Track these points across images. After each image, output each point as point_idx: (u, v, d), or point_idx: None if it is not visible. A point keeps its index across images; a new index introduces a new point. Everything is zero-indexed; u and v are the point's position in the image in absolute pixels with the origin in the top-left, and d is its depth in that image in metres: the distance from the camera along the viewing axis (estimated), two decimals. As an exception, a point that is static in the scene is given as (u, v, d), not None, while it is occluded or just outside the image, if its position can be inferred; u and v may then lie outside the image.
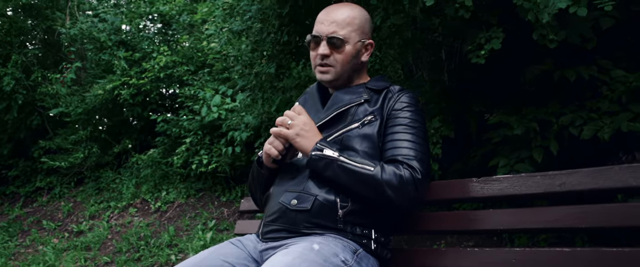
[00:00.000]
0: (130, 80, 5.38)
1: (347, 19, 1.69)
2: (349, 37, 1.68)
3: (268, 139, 1.69)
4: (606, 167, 1.48)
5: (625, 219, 1.41)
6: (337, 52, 1.68)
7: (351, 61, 1.71)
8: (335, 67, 1.69)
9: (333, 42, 1.66)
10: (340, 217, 1.57)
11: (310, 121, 1.63)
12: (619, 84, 2.46)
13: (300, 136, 1.60)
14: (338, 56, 1.68)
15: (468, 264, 1.66)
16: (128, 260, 4.17)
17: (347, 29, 1.68)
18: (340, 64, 1.69)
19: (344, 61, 1.69)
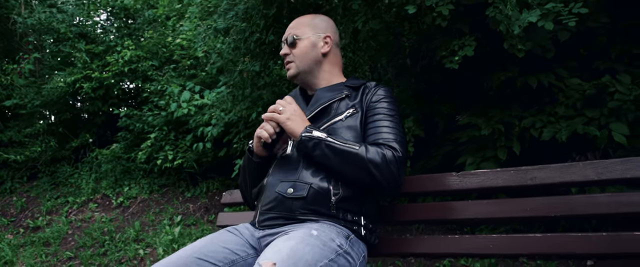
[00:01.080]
0: (93, 74, 5.27)
1: (300, 21, 1.94)
2: (300, 34, 1.90)
3: (259, 126, 1.83)
4: (571, 163, 1.69)
5: (588, 208, 1.61)
6: (293, 49, 1.90)
7: (309, 53, 1.90)
8: (294, 61, 1.90)
9: (288, 41, 1.90)
10: (333, 203, 1.70)
11: (299, 109, 1.76)
12: (574, 92, 2.72)
13: (291, 120, 1.73)
14: (295, 51, 1.90)
15: (450, 250, 1.84)
16: (93, 255, 4.12)
17: (299, 28, 1.91)
18: (298, 58, 1.90)
19: (301, 54, 1.89)
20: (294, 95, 2.05)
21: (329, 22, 1.96)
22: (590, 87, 2.56)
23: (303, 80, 1.94)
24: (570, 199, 1.67)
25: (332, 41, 1.92)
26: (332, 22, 1.98)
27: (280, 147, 1.86)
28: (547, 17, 2.12)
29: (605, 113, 2.49)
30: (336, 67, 1.97)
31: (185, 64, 5.07)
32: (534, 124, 2.65)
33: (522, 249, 1.70)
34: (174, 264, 1.68)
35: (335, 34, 1.97)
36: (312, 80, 1.94)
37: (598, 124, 2.49)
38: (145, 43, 5.42)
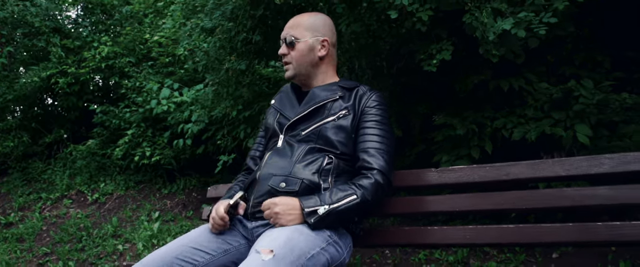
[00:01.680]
0: (69, 69, 5.23)
1: (300, 21, 1.98)
2: (299, 36, 1.95)
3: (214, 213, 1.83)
4: (541, 160, 1.85)
5: (556, 201, 1.77)
6: (292, 50, 1.96)
7: (306, 56, 1.97)
8: (292, 63, 1.97)
9: (287, 41, 1.95)
10: (322, 197, 1.80)
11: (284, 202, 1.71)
12: (542, 95, 2.91)
13: (291, 218, 1.69)
14: (293, 53, 1.96)
15: (429, 240, 1.97)
16: (71, 250, 4.11)
17: (298, 29, 1.96)
18: (295, 59, 1.96)
19: (298, 57, 1.96)
20: (286, 90, 2.14)
21: (326, 23, 2.01)
22: (557, 91, 2.75)
23: (300, 81, 2.02)
24: (540, 193, 1.82)
25: (329, 44, 2.00)
26: (330, 22, 2.04)
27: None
28: (519, 25, 2.28)
29: (571, 115, 2.68)
30: (331, 67, 2.06)
31: (163, 61, 5.09)
32: (505, 125, 2.83)
33: (497, 239, 1.85)
34: (169, 252, 1.77)
35: (332, 36, 2.03)
36: (309, 81, 2.02)
37: (564, 126, 2.68)
38: (123, 39, 5.40)
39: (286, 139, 1.97)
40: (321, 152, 1.88)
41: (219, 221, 1.83)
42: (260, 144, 2.21)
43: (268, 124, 2.10)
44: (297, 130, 1.95)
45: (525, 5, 2.37)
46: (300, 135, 1.93)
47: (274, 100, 2.16)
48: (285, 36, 1.96)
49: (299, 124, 1.95)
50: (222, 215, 1.81)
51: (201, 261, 1.79)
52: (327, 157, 1.87)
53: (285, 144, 1.96)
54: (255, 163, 2.16)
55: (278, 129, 2.01)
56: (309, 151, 1.89)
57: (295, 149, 1.91)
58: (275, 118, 2.06)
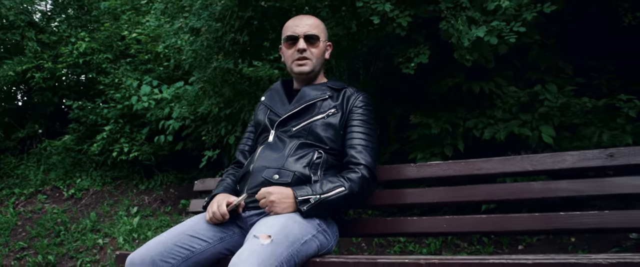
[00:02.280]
0: (46, 64, 5.21)
1: (317, 23, 2.13)
2: (320, 35, 2.09)
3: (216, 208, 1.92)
4: (511, 156, 2.04)
5: (524, 194, 1.96)
6: (312, 47, 2.08)
7: (322, 56, 2.13)
8: (311, 59, 2.08)
9: (310, 37, 2.06)
10: (312, 188, 1.95)
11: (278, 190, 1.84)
12: (510, 98, 3.13)
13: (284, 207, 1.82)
14: (314, 50, 2.08)
15: (408, 230, 2.14)
16: (49, 245, 4.13)
17: (318, 29, 2.10)
18: (315, 56, 2.08)
19: (318, 54, 2.10)
20: (276, 88, 2.27)
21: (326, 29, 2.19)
22: (525, 94, 2.97)
23: (310, 77, 2.14)
24: (510, 186, 2.02)
25: (331, 49, 2.18)
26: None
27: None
28: (492, 33, 2.48)
29: (536, 117, 2.90)
30: (323, 68, 2.23)
31: (142, 58, 5.13)
32: (476, 125, 3.03)
33: (471, 228, 2.03)
34: (169, 239, 1.87)
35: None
36: (314, 79, 2.17)
37: (530, 127, 2.90)
38: (101, 35, 5.41)
39: (277, 134, 2.10)
40: (311, 147, 2.02)
41: (219, 217, 1.93)
42: (249, 139, 2.33)
43: (259, 120, 2.22)
44: (288, 127, 2.08)
45: (497, 15, 2.58)
46: (291, 131, 2.07)
47: (265, 97, 2.29)
48: (306, 33, 2.05)
49: (290, 121, 2.09)
50: (225, 212, 1.92)
51: (198, 247, 1.91)
52: (316, 152, 2.01)
53: (276, 139, 2.09)
54: (244, 157, 2.28)
55: (269, 125, 2.14)
56: (300, 145, 2.03)
57: (287, 144, 2.04)
58: (266, 114, 2.19)
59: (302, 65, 2.08)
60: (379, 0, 2.64)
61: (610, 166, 1.91)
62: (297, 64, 2.09)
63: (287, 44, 2.13)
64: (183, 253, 1.86)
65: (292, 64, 2.14)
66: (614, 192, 1.87)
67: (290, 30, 2.11)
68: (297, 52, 2.09)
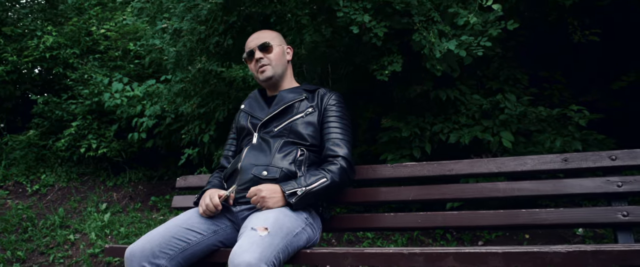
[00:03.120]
0: (10, 57, 5.11)
1: (268, 33, 2.38)
2: (272, 42, 2.32)
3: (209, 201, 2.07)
4: (478, 159, 2.27)
5: (491, 192, 2.20)
6: (268, 53, 2.31)
7: (281, 59, 2.34)
8: (270, 64, 2.30)
9: (263, 46, 2.29)
10: (298, 184, 2.12)
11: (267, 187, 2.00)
12: (472, 105, 3.39)
13: (274, 202, 1.99)
14: (270, 55, 2.31)
15: (385, 225, 2.34)
16: (18, 240, 4.08)
17: (270, 37, 2.34)
18: (273, 60, 2.30)
19: (276, 58, 2.31)
20: (253, 96, 2.46)
21: (280, 35, 2.41)
22: (487, 103, 3.24)
23: (275, 82, 2.34)
24: (478, 186, 2.25)
25: (291, 50, 2.38)
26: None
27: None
28: (461, 46, 2.71)
29: (497, 124, 3.17)
30: (292, 72, 2.44)
31: (112, 55, 5.13)
32: (442, 130, 3.27)
33: (442, 223, 2.25)
34: (166, 232, 2.00)
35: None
36: (281, 82, 2.36)
37: (491, 132, 3.16)
38: (69, 30, 5.35)
39: (260, 135, 2.27)
40: (294, 145, 2.20)
41: (212, 208, 2.08)
42: (232, 145, 2.50)
43: (241, 125, 2.40)
44: (270, 128, 2.26)
45: (465, 29, 2.82)
46: (273, 131, 2.24)
47: (244, 105, 2.48)
48: (258, 44, 2.29)
49: (272, 122, 2.27)
50: (217, 203, 2.06)
51: (194, 240, 2.04)
52: (299, 150, 2.19)
53: (260, 140, 2.26)
54: (228, 162, 2.45)
55: (252, 128, 2.32)
56: (284, 144, 2.21)
57: (272, 144, 2.21)
58: (247, 119, 2.37)
59: (263, 72, 2.31)
60: (358, 12, 2.82)
61: (565, 169, 2.17)
62: (260, 72, 2.32)
63: (248, 61, 2.38)
64: (180, 245, 1.99)
65: (257, 74, 2.38)
66: (567, 192, 2.13)
67: (247, 48, 2.36)
68: (256, 62, 2.32)
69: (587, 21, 3.74)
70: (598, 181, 2.11)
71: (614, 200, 2.08)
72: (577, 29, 3.69)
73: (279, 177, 2.10)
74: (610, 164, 2.12)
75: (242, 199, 2.14)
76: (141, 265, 1.91)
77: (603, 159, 2.13)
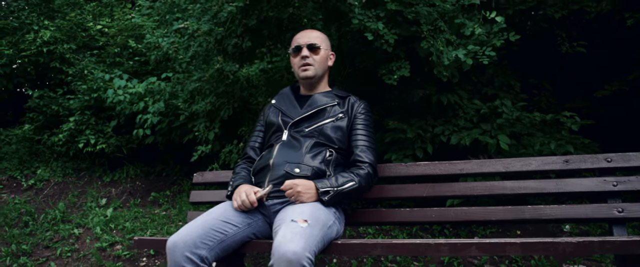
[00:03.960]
0: (6, 51, 5.10)
1: (319, 34, 2.54)
2: (321, 45, 2.49)
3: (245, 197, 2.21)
4: (487, 160, 2.49)
5: (497, 190, 2.42)
6: (314, 54, 2.47)
7: (324, 63, 2.52)
8: (314, 65, 2.46)
9: (311, 46, 2.45)
10: (327, 181, 2.29)
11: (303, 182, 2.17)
12: (470, 109, 3.62)
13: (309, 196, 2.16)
14: (316, 56, 2.47)
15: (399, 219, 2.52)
16: (20, 234, 4.11)
17: (319, 39, 2.50)
18: (317, 62, 2.47)
19: (320, 61, 2.48)
20: (285, 93, 2.61)
21: (328, 40, 2.56)
22: (486, 108, 3.47)
23: (313, 83, 2.51)
24: (485, 184, 2.46)
25: (334, 57, 2.55)
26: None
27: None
28: (468, 54, 2.93)
29: (495, 127, 3.41)
30: (328, 77, 2.59)
31: (111, 51, 5.17)
32: (443, 132, 3.49)
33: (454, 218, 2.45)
34: (205, 224, 2.14)
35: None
36: (318, 84, 2.53)
37: (490, 135, 3.39)
38: (66, 25, 5.36)
39: (291, 133, 2.43)
40: (323, 146, 2.38)
41: (248, 205, 2.22)
42: (258, 136, 2.65)
43: (270, 120, 2.55)
44: (301, 127, 2.43)
45: (471, 39, 3.03)
46: (304, 131, 2.41)
47: (275, 100, 2.63)
48: (307, 43, 2.45)
49: (303, 122, 2.43)
50: (254, 200, 2.21)
51: (230, 231, 2.18)
52: (328, 151, 2.37)
53: (290, 138, 2.42)
54: (255, 153, 2.60)
55: (282, 125, 2.47)
56: (314, 144, 2.37)
57: (303, 143, 2.38)
58: (278, 116, 2.52)
59: (305, 70, 2.45)
60: (371, 19, 3.01)
61: (566, 170, 2.40)
62: (302, 70, 2.46)
63: (294, 54, 2.52)
64: (218, 236, 2.13)
65: (298, 70, 2.51)
66: (568, 190, 2.37)
67: (295, 42, 2.51)
68: (301, 59, 2.47)
69: (574, 33, 4.02)
70: (595, 181, 2.35)
71: (609, 198, 2.33)
72: (565, 41, 3.96)
73: (311, 175, 2.27)
74: (606, 165, 2.36)
75: (273, 194, 2.29)
76: (184, 255, 2.03)
77: (600, 161, 2.38)
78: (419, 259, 3.31)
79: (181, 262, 2.03)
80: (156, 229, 3.98)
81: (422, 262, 3.27)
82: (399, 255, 2.04)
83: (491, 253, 1.93)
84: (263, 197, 2.27)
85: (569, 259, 3.15)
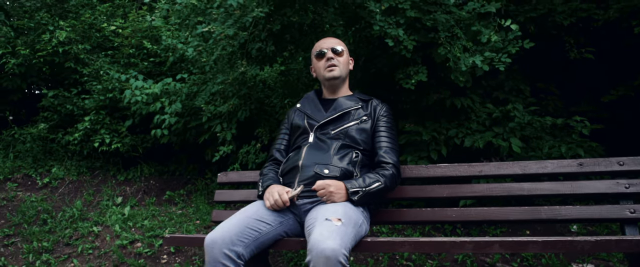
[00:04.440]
0: (23, 50, 5.18)
1: (336, 40, 2.70)
2: (343, 49, 2.66)
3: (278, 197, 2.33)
4: (504, 162, 2.61)
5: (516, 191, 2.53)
6: (338, 56, 2.63)
7: (347, 65, 2.69)
8: (339, 66, 2.62)
9: (335, 50, 2.62)
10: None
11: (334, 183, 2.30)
12: (483, 113, 3.74)
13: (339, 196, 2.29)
14: (340, 58, 2.64)
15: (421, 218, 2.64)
16: (40, 232, 4.19)
17: (341, 45, 2.67)
18: (342, 64, 2.64)
19: (344, 63, 2.65)
20: (310, 97, 2.73)
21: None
22: (499, 112, 3.59)
23: (337, 84, 2.64)
24: (504, 185, 2.58)
25: (353, 62, 2.69)
26: None
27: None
28: (484, 61, 3.05)
29: (507, 130, 3.53)
30: (348, 81, 2.72)
31: (126, 51, 5.26)
32: (457, 134, 3.61)
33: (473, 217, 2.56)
34: (240, 223, 2.25)
35: None
36: (341, 86, 2.66)
37: (502, 138, 3.52)
38: (80, 25, 5.44)
39: (317, 136, 2.56)
40: (350, 148, 2.49)
41: (280, 204, 2.34)
42: (283, 140, 2.77)
43: (296, 124, 2.67)
44: (327, 130, 2.55)
45: (487, 46, 3.15)
46: (329, 133, 2.53)
47: (300, 104, 2.76)
48: (331, 47, 2.62)
49: (329, 125, 2.56)
50: (286, 200, 2.33)
51: (264, 229, 2.29)
52: (354, 153, 2.49)
53: (316, 140, 2.54)
54: (281, 155, 2.72)
55: (308, 128, 2.59)
56: (341, 146, 2.49)
57: (330, 145, 2.50)
58: (304, 119, 2.64)
59: (332, 71, 2.61)
60: (392, 26, 3.12)
61: (580, 172, 2.53)
62: (328, 70, 2.61)
63: (318, 59, 2.67)
64: (253, 234, 2.24)
65: (324, 72, 2.64)
66: (582, 192, 2.49)
67: (319, 48, 2.66)
68: (326, 61, 2.62)
69: (582, 40, 4.15)
70: (608, 183, 2.47)
71: (622, 199, 2.45)
72: (573, 47, 4.09)
73: (339, 176, 2.38)
74: (619, 168, 2.49)
75: (303, 194, 2.40)
76: (222, 251, 2.14)
77: (613, 165, 2.50)
78: (433, 258, 3.43)
79: (219, 259, 2.14)
80: (175, 227, 4.09)
81: (436, 260, 3.39)
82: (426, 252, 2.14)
83: (513, 251, 2.04)
84: (294, 197, 2.38)
85: (578, 258, 3.27)
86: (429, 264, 3.37)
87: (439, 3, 3.28)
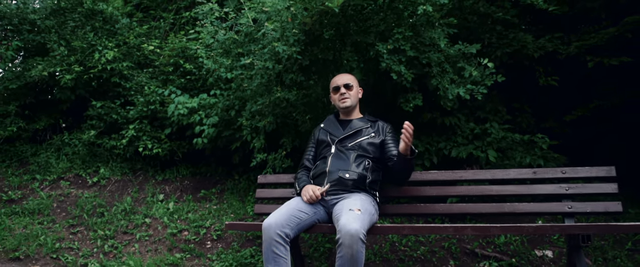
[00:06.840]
0: (77, 68, 6.06)
1: (350, 77, 3.66)
2: (353, 84, 3.61)
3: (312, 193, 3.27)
4: (480, 170, 3.53)
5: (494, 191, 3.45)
6: (349, 90, 3.57)
7: (356, 96, 3.64)
8: (350, 98, 3.57)
9: (347, 85, 3.56)
10: (368, 183, 3.32)
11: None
12: (466, 129, 4.66)
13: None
14: (350, 92, 3.58)
15: (416, 211, 3.54)
16: (101, 222, 5.07)
17: (352, 80, 3.63)
18: (352, 95, 3.59)
19: (354, 94, 3.60)
20: (331, 119, 3.65)
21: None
22: (478, 128, 4.51)
23: (350, 110, 3.56)
24: (480, 187, 3.49)
25: (362, 92, 3.59)
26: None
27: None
28: (466, 92, 3.96)
29: (485, 144, 4.45)
30: (359, 106, 3.62)
31: (165, 69, 6.14)
32: (445, 146, 4.53)
33: (467, 211, 3.47)
34: (287, 212, 3.15)
35: None
36: (353, 111, 3.57)
37: (481, 150, 4.43)
38: (124, 46, 6.33)
39: (338, 148, 3.46)
40: (363, 157, 3.39)
41: (314, 199, 3.24)
42: (311, 151, 3.68)
43: (321, 138, 3.58)
44: (345, 143, 3.45)
45: (469, 79, 4.06)
46: (347, 146, 3.44)
47: (323, 124, 3.66)
48: (344, 83, 3.56)
49: (346, 139, 3.47)
50: (319, 195, 3.23)
51: (304, 217, 3.19)
52: (367, 161, 3.38)
53: (337, 151, 3.45)
54: (310, 163, 3.62)
55: (330, 141, 3.49)
56: (357, 156, 3.39)
57: (349, 155, 3.40)
58: (327, 135, 3.54)
59: (344, 102, 3.56)
60: (395, 63, 4.02)
61: (534, 178, 3.44)
62: (342, 102, 3.55)
63: (334, 92, 3.63)
64: (296, 220, 3.14)
65: (339, 103, 3.57)
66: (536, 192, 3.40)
67: (334, 84, 3.63)
68: (340, 95, 3.53)
69: (550, 69, 5.07)
70: (554, 186, 3.39)
71: (563, 198, 3.37)
72: (542, 75, 5.01)
73: (357, 179, 3.29)
74: (562, 176, 3.41)
75: (330, 191, 3.31)
76: (276, 232, 3.03)
77: (557, 173, 3.42)
78: (425, 244, 4.32)
79: (274, 237, 3.03)
80: (215, 219, 4.97)
81: (428, 246, 4.29)
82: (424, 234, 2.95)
83: (481, 233, 2.95)
84: (324, 193, 3.27)
85: (538, 245, 4.18)
86: (422, 250, 4.26)
87: (432, 44, 4.19)
